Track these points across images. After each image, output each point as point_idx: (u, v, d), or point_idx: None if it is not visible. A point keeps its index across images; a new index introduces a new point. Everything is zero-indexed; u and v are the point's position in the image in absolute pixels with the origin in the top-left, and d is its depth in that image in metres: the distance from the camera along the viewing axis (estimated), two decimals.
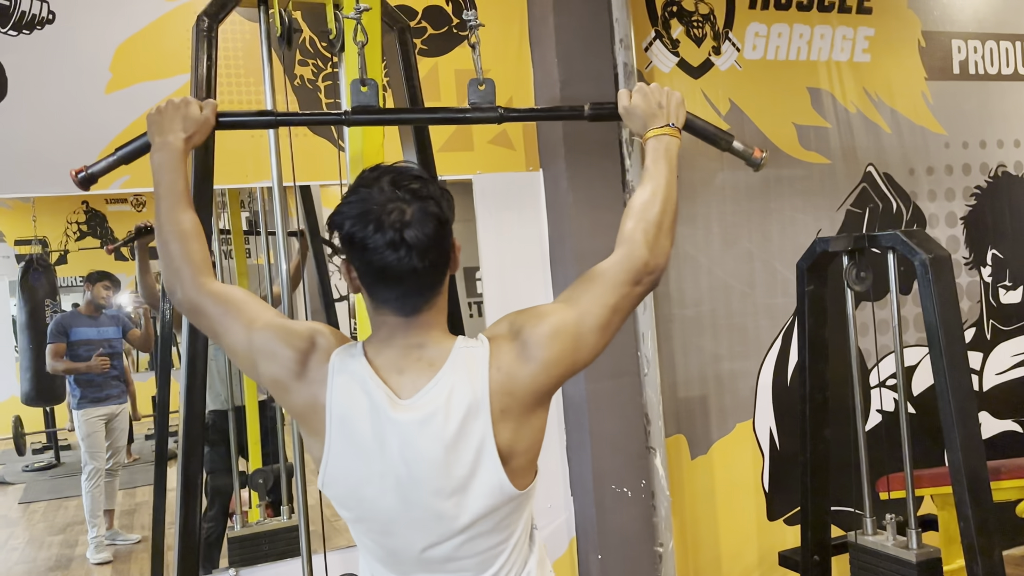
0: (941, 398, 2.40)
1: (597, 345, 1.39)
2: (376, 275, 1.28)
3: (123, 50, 2.59)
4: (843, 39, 3.68)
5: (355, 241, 1.27)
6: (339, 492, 1.34)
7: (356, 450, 1.29)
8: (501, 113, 1.63)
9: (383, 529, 1.35)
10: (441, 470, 1.28)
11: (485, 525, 1.34)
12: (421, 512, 1.30)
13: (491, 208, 3.11)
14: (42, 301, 5.45)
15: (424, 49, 2.99)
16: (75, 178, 1.59)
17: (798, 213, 3.59)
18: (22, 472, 6.69)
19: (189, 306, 1.44)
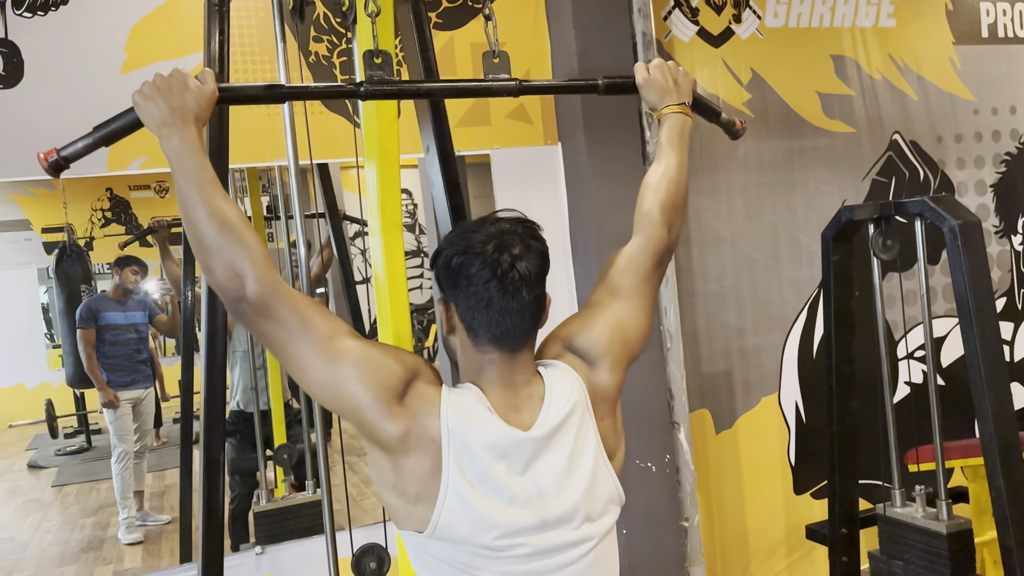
0: (971, 366, 2.35)
1: (644, 332, 1.46)
2: (483, 308, 1.28)
3: (138, 30, 2.59)
4: (867, 4, 3.59)
5: (462, 272, 1.27)
6: (457, 527, 1.25)
7: (478, 477, 1.25)
8: (518, 84, 1.60)
9: (513, 555, 1.27)
10: (567, 478, 1.29)
11: (607, 537, 1.36)
12: (555, 526, 1.29)
13: (509, 184, 3.08)
14: (78, 287, 5.51)
15: (439, 23, 2.96)
16: (44, 163, 1.36)
17: (823, 184, 3.52)
18: (55, 456, 6.80)
19: (257, 304, 1.25)
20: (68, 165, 1.41)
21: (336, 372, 1.25)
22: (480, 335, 1.30)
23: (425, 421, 1.25)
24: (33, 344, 8.28)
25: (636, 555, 3.09)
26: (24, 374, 7.97)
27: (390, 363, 1.26)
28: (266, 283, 1.25)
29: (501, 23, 3.04)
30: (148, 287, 5.11)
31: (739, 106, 3.40)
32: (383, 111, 1.82)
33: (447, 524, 1.25)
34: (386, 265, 1.90)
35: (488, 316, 1.28)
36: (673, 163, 1.59)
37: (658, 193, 1.56)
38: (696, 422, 3.32)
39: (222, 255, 1.26)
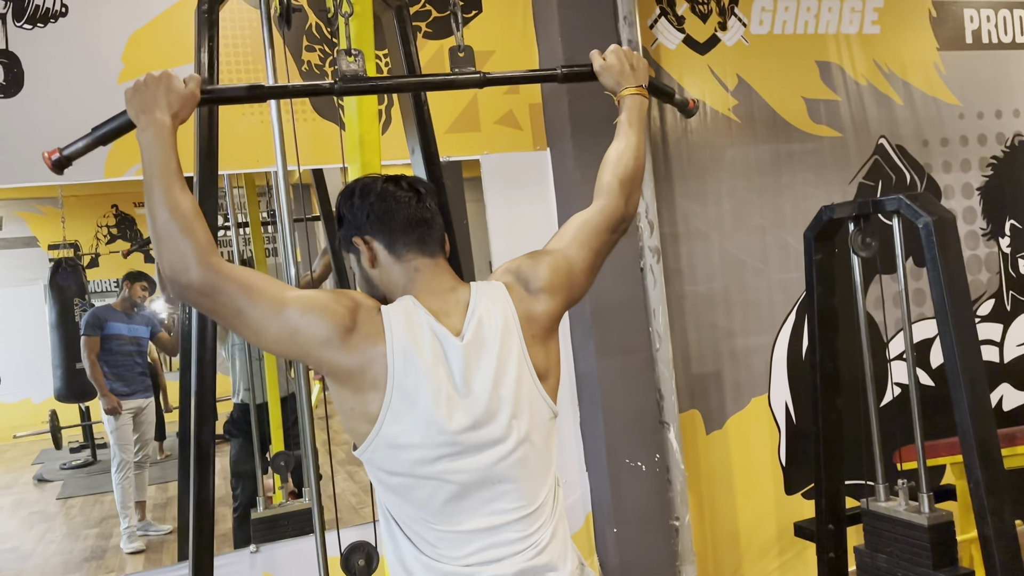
0: (948, 360, 2.39)
1: (585, 284, 1.59)
2: (400, 225, 1.47)
3: (135, 40, 2.67)
4: (851, 11, 3.66)
5: (379, 204, 1.48)
6: (403, 427, 1.37)
7: (423, 377, 1.37)
8: (482, 76, 1.67)
9: (453, 453, 1.39)
10: (497, 385, 1.42)
11: (535, 438, 1.46)
12: (487, 427, 1.41)
13: (499, 188, 3.15)
14: (71, 301, 5.58)
15: (429, 32, 3.04)
16: (48, 161, 1.49)
17: (810, 187, 3.58)
18: (60, 470, 6.85)
19: (202, 286, 1.35)
20: (70, 163, 1.54)
21: (287, 324, 1.35)
22: (402, 247, 1.48)
23: (375, 340, 1.37)
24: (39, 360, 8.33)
25: (627, 553, 3.12)
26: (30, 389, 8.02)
27: (332, 304, 1.37)
28: (207, 266, 1.35)
29: (490, 29, 3.12)
30: (155, 306, 5.20)
31: (726, 112, 3.47)
32: (364, 111, 1.89)
33: (392, 422, 1.36)
34: None
35: (405, 228, 1.48)
36: (632, 141, 1.72)
37: (617, 168, 1.69)
38: (686, 422, 3.36)
39: (169, 241, 1.36)
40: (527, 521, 1.43)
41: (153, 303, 5.13)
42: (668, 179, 3.36)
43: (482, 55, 3.09)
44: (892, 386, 3.68)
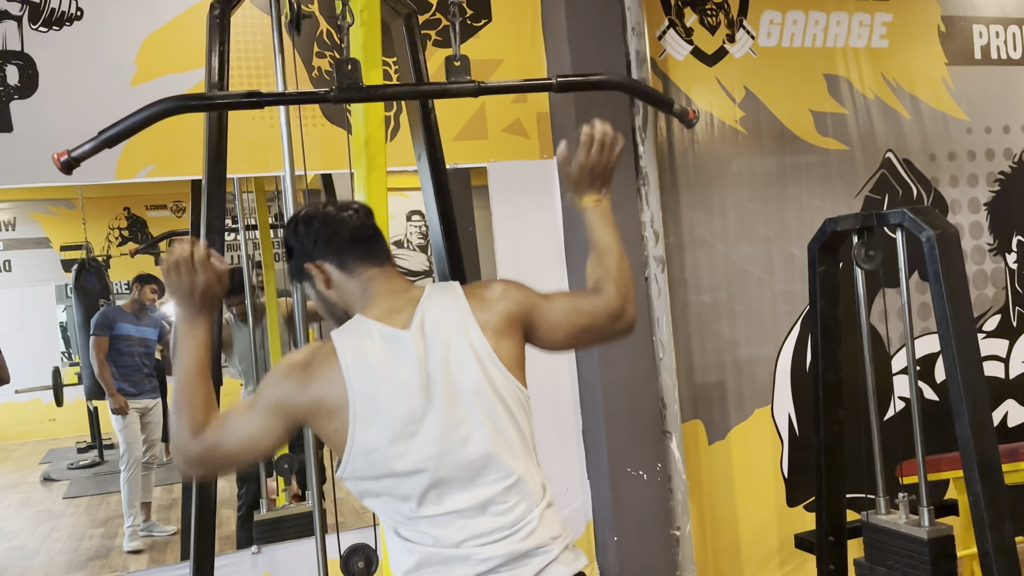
0: (949, 374, 2.40)
1: (551, 341, 1.61)
2: (348, 242, 1.54)
3: (148, 44, 2.71)
4: (860, 25, 3.68)
5: (326, 228, 1.54)
6: (373, 430, 1.42)
7: (380, 379, 1.43)
8: (476, 85, 1.69)
9: (422, 441, 1.44)
10: (448, 366, 1.47)
11: (500, 413, 1.49)
12: (451, 408, 1.46)
13: (506, 195, 3.17)
14: (96, 301, 5.65)
15: (439, 40, 3.07)
16: (58, 162, 1.57)
17: (815, 199, 3.59)
18: (67, 469, 6.90)
19: (202, 451, 1.46)
20: (78, 164, 1.62)
21: (268, 410, 1.45)
22: (353, 263, 1.55)
23: (330, 365, 1.44)
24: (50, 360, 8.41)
25: (627, 562, 3.13)
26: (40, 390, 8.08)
27: (285, 365, 1.47)
28: (200, 433, 1.45)
29: (499, 39, 3.15)
30: (165, 309, 5.26)
31: (733, 123, 3.48)
32: (370, 118, 1.92)
33: (362, 429, 1.42)
34: None
35: (353, 244, 1.55)
36: (616, 245, 1.71)
37: (609, 270, 1.68)
38: (689, 432, 3.36)
39: (180, 428, 1.47)
40: (510, 493, 1.47)
41: (163, 306, 5.18)
42: (674, 189, 3.37)
43: (491, 64, 3.12)
44: (896, 400, 3.68)
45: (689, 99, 3.41)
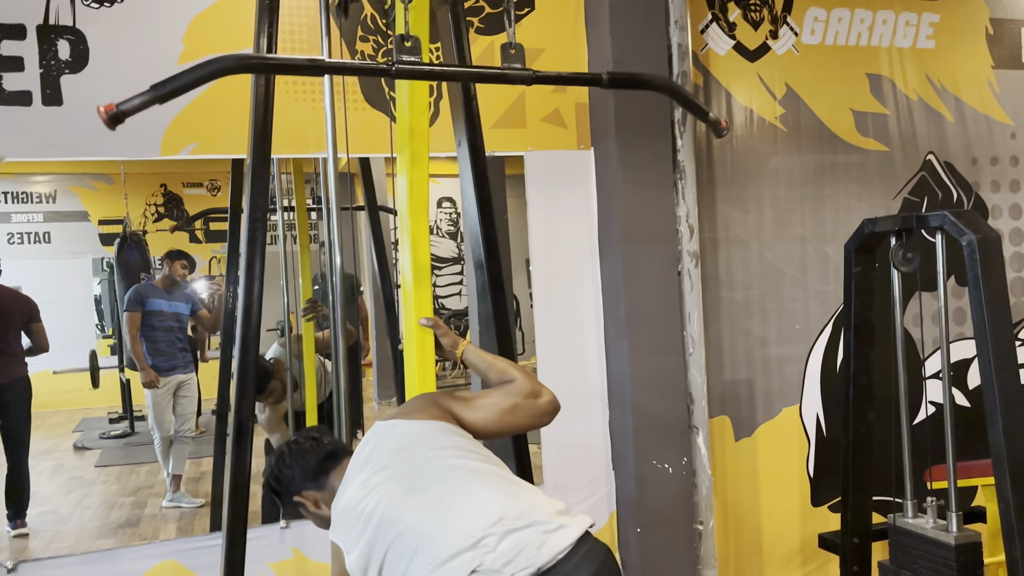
0: (984, 380, 2.38)
1: (482, 425, 1.85)
2: (316, 468, 1.85)
3: (196, 23, 2.74)
4: (906, 25, 3.63)
5: (296, 457, 1.87)
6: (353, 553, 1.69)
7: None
8: (533, 74, 1.70)
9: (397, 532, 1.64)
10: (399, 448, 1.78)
11: (456, 451, 1.74)
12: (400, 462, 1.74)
13: (541, 185, 3.18)
14: (137, 275, 5.75)
15: (481, 27, 3.08)
16: (104, 115, 1.54)
17: (853, 200, 3.56)
18: (99, 439, 7.04)
19: None
20: (123, 119, 1.56)
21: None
22: (325, 479, 1.85)
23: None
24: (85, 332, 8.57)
25: (649, 553, 3.14)
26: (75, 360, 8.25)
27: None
28: None
29: (541, 27, 3.16)
30: (197, 285, 5.33)
31: (772, 120, 3.46)
32: (415, 102, 1.93)
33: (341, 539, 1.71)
34: (412, 251, 2.00)
35: (321, 467, 1.86)
36: (496, 361, 1.97)
37: (506, 372, 1.93)
38: (716, 428, 3.37)
39: None
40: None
41: (194, 281, 5.25)
42: (710, 184, 3.36)
43: (532, 53, 3.13)
44: (927, 404, 3.65)
45: (729, 94, 3.40)
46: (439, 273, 5.26)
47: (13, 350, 4.24)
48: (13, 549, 4.08)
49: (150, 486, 5.33)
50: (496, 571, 1.49)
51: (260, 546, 2.84)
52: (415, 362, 1.99)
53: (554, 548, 1.52)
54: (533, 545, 1.51)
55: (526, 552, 1.50)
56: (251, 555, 2.20)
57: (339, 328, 2.73)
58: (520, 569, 1.49)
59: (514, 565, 1.49)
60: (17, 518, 4.16)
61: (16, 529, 4.14)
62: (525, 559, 1.50)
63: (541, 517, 1.56)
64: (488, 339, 2.30)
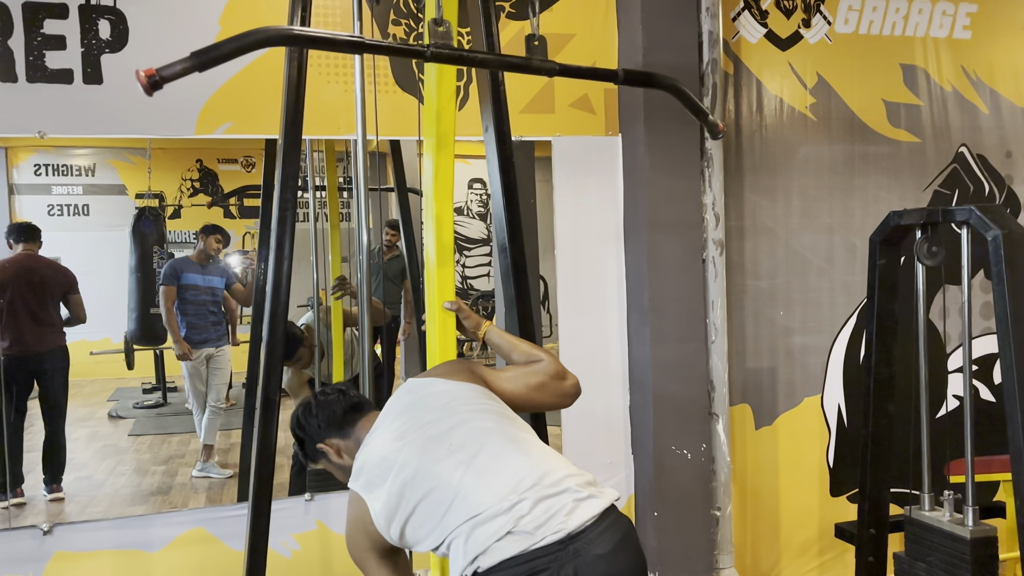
0: (1005, 375, 2.38)
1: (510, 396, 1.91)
2: (341, 418, 1.91)
3: (232, 5, 2.80)
4: (943, 15, 3.59)
5: (322, 407, 1.92)
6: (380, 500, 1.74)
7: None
8: (558, 66, 1.74)
9: (431, 485, 1.70)
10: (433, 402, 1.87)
11: (483, 413, 1.82)
12: (435, 424, 1.80)
13: (569, 170, 3.21)
14: (151, 248, 5.87)
15: (512, 12, 3.10)
16: (144, 80, 1.52)
17: (882, 191, 3.54)
18: (133, 408, 7.21)
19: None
20: (162, 85, 1.55)
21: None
22: (351, 430, 1.90)
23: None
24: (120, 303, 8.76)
25: (666, 537, 3.18)
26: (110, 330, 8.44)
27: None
28: None
29: (572, 13, 3.17)
30: (231, 259, 5.43)
31: (802, 109, 3.45)
32: (443, 87, 1.97)
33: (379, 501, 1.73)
34: (436, 234, 2.05)
35: (346, 417, 1.92)
36: (519, 343, 2.05)
37: (532, 352, 2.01)
38: (736, 415, 3.39)
39: None
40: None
41: (228, 256, 5.35)
42: (738, 173, 3.37)
43: (563, 38, 3.15)
44: (950, 398, 3.64)
45: (760, 83, 3.39)
46: (468, 254, 5.30)
47: (52, 320, 4.36)
48: (49, 512, 4.22)
49: (181, 456, 5.47)
50: (528, 533, 1.56)
51: (285, 517, 2.93)
52: (436, 343, 2.04)
53: (583, 516, 1.60)
54: (564, 511, 1.59)
55: (557, 517, 1.58)
56: (276, 525, 2.27)
57: (366, 305, 2.78)
58: (551, 532, 1.56)
59: (545, 528, 1.57)
60: (54, 483, 4.30)
61: (52, 493, 4.27)
62: (556, 523, 1.57)
63: (572, 485, 1.64)
64: (511, 321, 2.34)
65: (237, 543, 2.83)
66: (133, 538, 2.82)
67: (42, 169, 7.07)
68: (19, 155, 6.69)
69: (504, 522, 1.57)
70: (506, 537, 1.57)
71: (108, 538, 2.81)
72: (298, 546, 2.98)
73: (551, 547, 1.55)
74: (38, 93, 2.63)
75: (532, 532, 1.56)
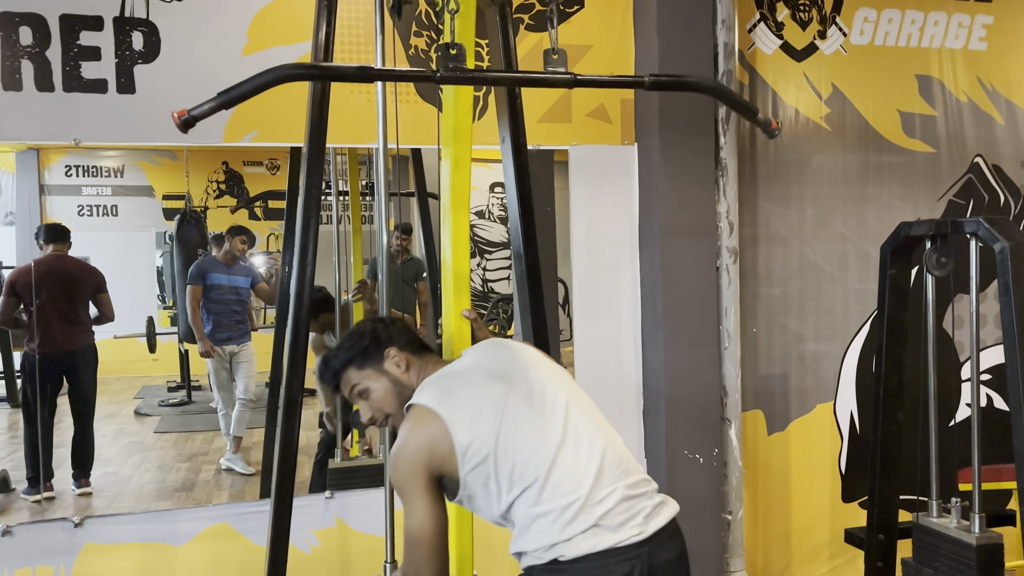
0: (1011, 385, 2.41)
1: None
2: (410, 338, 1.88)
3: (260, 17, 2.89)
4: (959, 26, 3.62)
5: (396, 324, 1.90)
6: (479, 427, 1.68)
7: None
8: (573, 77, 1.79)
9: (526, 446, 1.68)
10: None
11: (556, 378, 1.88)
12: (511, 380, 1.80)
13: (585, 178, 3.27)
14: (195, 251, 6.00)
15: (531, 24, 3.17)
16: (177, 120, 1.69)
17: (896, 200, 3.58)
18: (158, 406, 7.36)
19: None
20: (195, 123, 1.73)
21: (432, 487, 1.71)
22: (416, 350, 1.87)
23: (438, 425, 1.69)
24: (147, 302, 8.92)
25: None
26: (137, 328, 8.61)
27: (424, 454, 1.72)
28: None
29: (589, 24, 3.24)
30: (255, 260, 5.55)
31: (817, 119, 3.49)
32: (460, 102, 2.04)
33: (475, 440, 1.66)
34: (453, 243, 2.12)
35: (413, 339, 1.89)
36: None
37: None
38: (748, 421, 3.43)
39: None
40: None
41: (252, 256, 5.47)
42: (752, 181, 3.42)
43: (580, 49, 3.21)
44: (964, 406, 3.66)
45: (775, 93, 3.44)
46: (489, 257, 5.37)
47: (81, 319, 4.47)
48: (77, 506, 4.35)
49: (204, 453, 5.58)
50: (612, 530, 1.62)
51: (305, 514, 3.01)
52: (451, 347, 2.11)
53: (658, 522, 1.68)
54: (643, 513, 1.66)
55: (637, 518, 1.65)
56: (296, 522, 2.34)
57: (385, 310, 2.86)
58: (632, 534, 1.62)
59: (627, 528, 1.63)
60: (82, 477, 4.42)
61: (81, 488, 4.39)
62: (636, 524, 1.64)
63: (648, 490, 1.73)
64: (526, 328, 2.41)
65: (259, 538, 2.91)
66: (160, 532, 2.92)
67: (73, 170, 7.22)
68: (51, 156, 6.83)
69: (592, 514, 1.62)
70: (591, 530, 1.61)
71: (136, 531, 2.91)
72: (318, 542, 3.06)
73: (630, 548, 1.61)
74: (74, 102, 2.73)
75: (615, 529, 1.62)
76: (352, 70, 1.89)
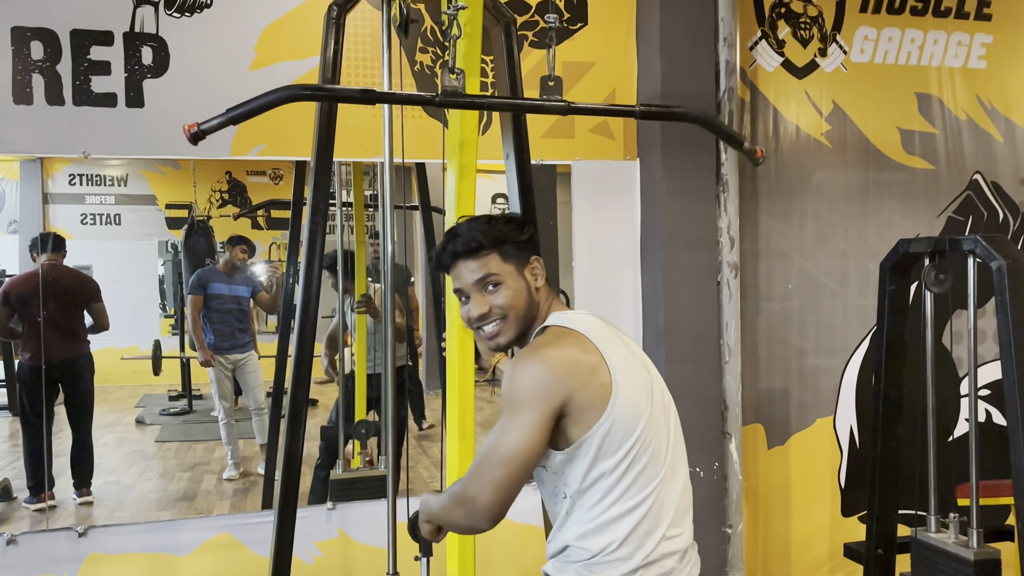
0: (1009, 401, 2.44)
1: None
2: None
3: (268, 33, 2.93)
4: (958, 45, 3.66)
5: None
6: (628, 390, 1.49)
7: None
8: (568, 105, 1.83)
9: (655, 450, 1.55)
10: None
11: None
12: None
13: (588, 193, 3.30)
14: (203, 260, 6.03)
15: (535, 41, 3.21)
16: (188, 133, 1.75)
17: (896, 216, 3.61)
18: (159, 415, 7.38)
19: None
20: (204, 136, 1.80)
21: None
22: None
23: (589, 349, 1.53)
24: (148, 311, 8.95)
25: None
26: (138, 338, 8.63)
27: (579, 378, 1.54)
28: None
29: (593, 41, 3.28)
30: (256, 268, 5.58)
31: (818, 136, 3.53)
32: (466, 121, 2.08)
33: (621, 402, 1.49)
34: None
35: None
36: None
37: None
38: (748, 435, 3.45)
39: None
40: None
41: (254, 265, 5.50)
42: (753, 197, 3.45)
43: (583, 66, 3.25)
44: (962, 421, 3.68)
45: (776, 110, 3.48)
46: None
47: (75, 328, 4.44)
48: (79, 516, 4.36)
49: (206, 463, 5.60)
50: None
51: (307, 525, 3.03)
52: (456, 364, 2.14)
53: (694, 570, 1.70)
54: (691, 563, 1.69)
55: (686, 568, 1.66)
56: (298, 533, 2.36)
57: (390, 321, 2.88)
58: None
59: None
60: (83, 487, 4.43)
61: (82, 497, 4.40)
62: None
63: (692, 541, 1.71)
64: None
65: (262, 548, 2.93)
66: (163, 542, 2.94)
67: (76, 179, 7.25)
68: (55, 165, 6.87)
69: (670, 566, 1.59)
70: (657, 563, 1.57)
71: (139, 541, 2.93)
72: (320, 553, 3.08)
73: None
74: (83, 116, 2.77)
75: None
76: (355, 93, 1.95)
